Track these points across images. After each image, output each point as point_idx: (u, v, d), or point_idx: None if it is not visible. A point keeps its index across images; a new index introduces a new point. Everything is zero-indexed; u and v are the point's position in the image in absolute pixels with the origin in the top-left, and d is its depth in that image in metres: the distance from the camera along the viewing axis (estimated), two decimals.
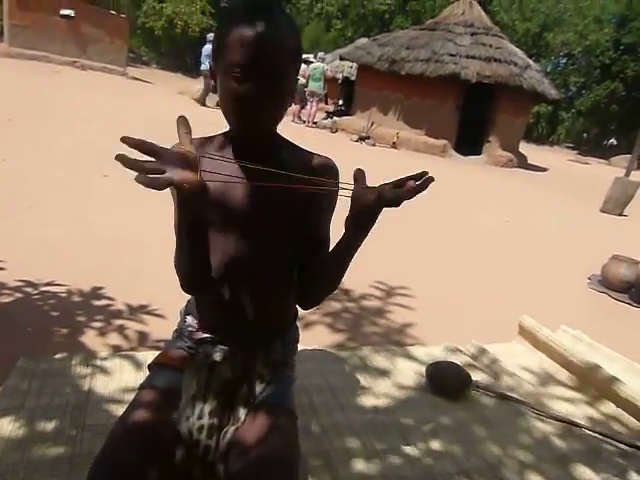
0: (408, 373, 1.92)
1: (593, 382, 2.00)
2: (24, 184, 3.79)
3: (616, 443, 1.65)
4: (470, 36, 12.69)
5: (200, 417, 1.11)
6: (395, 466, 1.38)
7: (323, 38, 30.07)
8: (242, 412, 1.13)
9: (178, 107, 10.57)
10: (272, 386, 1.18)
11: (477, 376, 1.89)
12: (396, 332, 2.43)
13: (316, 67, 13.09)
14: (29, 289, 2.25)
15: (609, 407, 1.90)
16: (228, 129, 1.11)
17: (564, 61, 34.82)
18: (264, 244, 1.13)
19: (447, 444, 1.52)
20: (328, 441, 1.45)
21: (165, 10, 27.82)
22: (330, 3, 31.80)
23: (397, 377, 1.88)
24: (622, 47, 30.15)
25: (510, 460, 1.49)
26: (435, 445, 1.51)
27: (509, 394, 1.84)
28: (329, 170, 1.18)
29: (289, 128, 10.32)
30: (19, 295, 2.19)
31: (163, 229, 1.12)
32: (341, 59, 16.47)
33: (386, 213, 1.00)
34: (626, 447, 1.64)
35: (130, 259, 2.71)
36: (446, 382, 1.81)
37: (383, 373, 1.89)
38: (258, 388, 1.16)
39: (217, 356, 1.17)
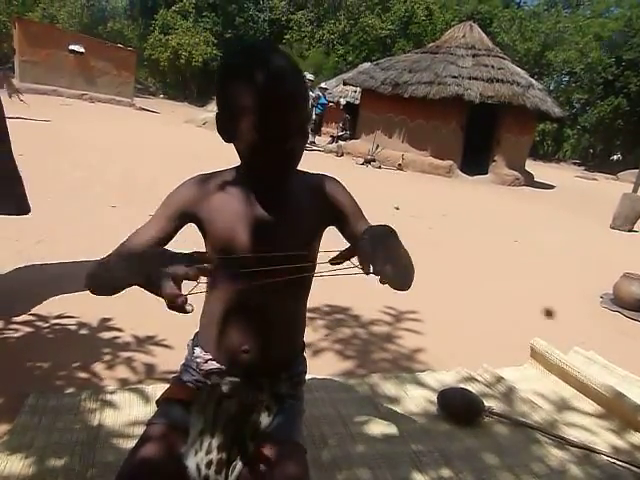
0: (419, 400, 1.89)
1: (610, 406, 1.96)
2: (34, 218, 3.83)
3: (636, 470, 1.61)
4: (472, 58, 12.83)
5: (208, 452, 1.10)
6: None
7: (325, 64, 30.55)
8: (250, 446, 1.11)
9: (185, 135, 10.73)
10: (279, 419, 1.17)
11: (490, 402, 1.86)
12: (406, 358, 2.40)
13: None
14: (39, 323, 2.26)
15: (628, 432, 1.85)
16: (239, 165, 1.12)
17: (566, 79, 35.08)
18: (274, 285, 1.13)
19: (461, 473, 1.50)
20: (339, 472, 1.43)
21: (170, 42, 28.50)
22: (332, 30, 32.39)
23: (408, 405, 1.85)
24: (624, 63, 30.34)
25: None
26: (448, 474, 1.49)
27: (523, 420, 1.81)
28: (331, 184, 1.20)
29: None
30: (29, 329, 2.20)
31: None
32: (344, 84, 16.69)
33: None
34: None
35: (137, 290, 2.71)
36: (458, 409, 1.78)
37: (394, 401, 1.87)
38: (265, 421, 1.15)
39: (225, 388, 1.16)
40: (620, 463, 1.63)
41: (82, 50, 15.89)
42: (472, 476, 1.49)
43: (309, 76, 14.37)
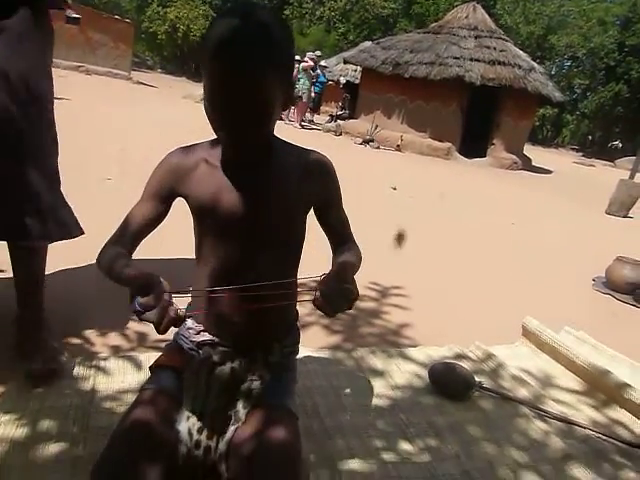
0: (411, 374, 1.92)
1: (598, 384, 1.99)
2: None
3: (618, 443, 1.64)
4: (474, 39, 12.71)
5: (200, 418, 1.12)
6: (397, 466, 1.38)
7: (325, 41, 30.15)
8: (242, 413, 1.13)
9: (182, 111, 10.63)
10: (272, 387, 1.18)
11: (480, 377, 1.89)
12: (393, 333, 2.42)
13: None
14: None
15: (614, 410, 1.89)
16: None
17: (568, 63, 34.85)
18: (261, 250, 1.14)
19: (450, 445, 1.52)
20: (330, 441, 1.45)
21: (169, 15, 28.03)
22: (333, 7, 31.90)
23: (400, 378, 1.88)
24: (627, 49, 30.08)
25: (511, 460, 1.49)
26: (438, 445, 1.51)
27: (512, 395, 1.83)
28: (324, 168, 1.20)
29: (291, 132, 10.36)
30: None
31: (166, 228, 1.14)
32: (345, 62, 16.51)
33: (388, 214, 0.99)
34: (628, 447, 1.63)
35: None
36: (449, 383, 1.80)
37: (386, 374, 1.89)
38: (258, 389, 1.17)
39: (217, 358, 1.17)
40: (604, 437, 1.67)
41: (78, 16, 15.58)
42: (459, 447, 1.51)
43: (309, 54, 14.20)
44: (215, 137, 1.12)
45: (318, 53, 15.76)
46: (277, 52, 0.98)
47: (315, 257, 1.30)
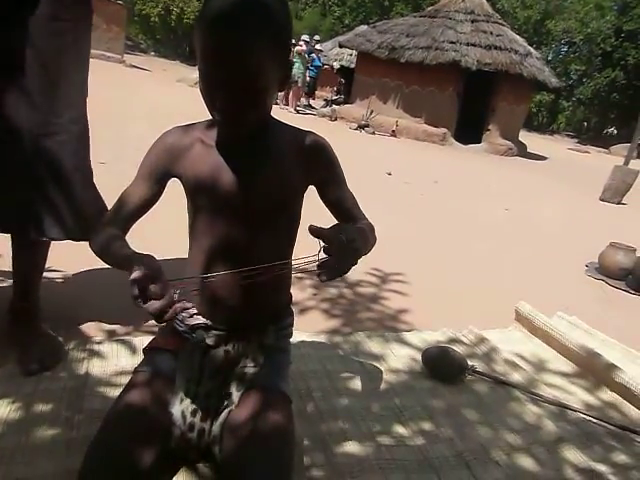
0: (405, 358, 1.93)
1: (590, 368, 2.00)
2: None
3: (609, 426, 1.66)
4: (470, 23, 12.60)
5: (194, 400, 1.12)
6: (390, 449, 1.39)
7: (321, 25, 29.85)
8: (236, 395, 1.13)
9: (176, 94, 10.53)
10: (266, 369, 1.18)
11: (473, 361, 1.90)
12: (391, 318, 2.43)
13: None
14: None
15: (605, 393, 1.91)
16: None
17: (565, 49, 34.69)
18: (256, 229, 1.13)
19: (443, 427, 1.53)
20: (324, 424, 1.46)
21: None
22: None
23: (394, 362, 1.88)
24: (623, 34, 29.96)
25: (505, 443, 1.50)
26: (431, 428, 1.52)
27: (504, 379, 1.85)
28: (320, 146, 1.19)
29: (285, 117, 10.29)
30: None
31: (167, 211, 1.13)
32: (340, 46, 16.36)
33: (384, 200, 0.99)
34: (619, 430, 1.65)
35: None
36: (442, 367, 1.81)
37: (380, 358, 1.90)
38: (252, 371, 1.17)
39: (211, 340, 1.17)
40: (595, 420, 1.68)
41: None
42: (452, 430, 1.52)
43: (304, 37, 14.05)
44: (211, 118, 1.10)
45: (317, 37, 15.63)
46: (274, 29, 0.96)
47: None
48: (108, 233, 1.07)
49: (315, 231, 0.91)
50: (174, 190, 1.23)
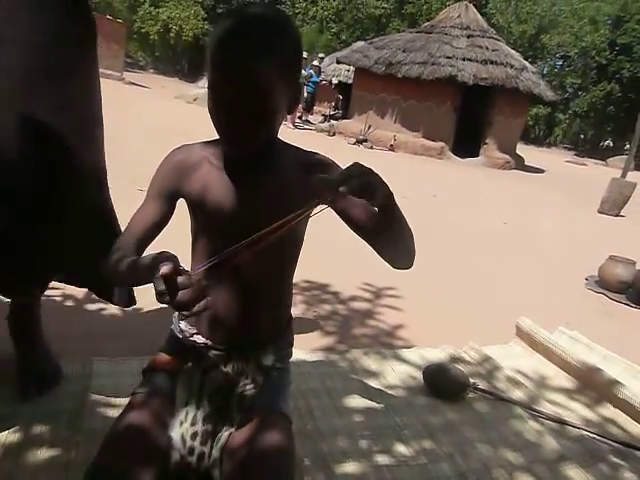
0: (405, 375, 1.92)
1: (592, 384, 1.99)
2: None
3: (612, 443, 1.65)
4: (466, 38, 12.74)
5: (194, 423, 1.10)
6: (391, 468, 1.38)
7: (318, 41, 30.12)
8: (236, 417, 1.12)
9: (175, 111, 10.59)
10: (265, 390, 1.17)
11: (475, 378, 1.89)
12: (387, 334, 2.43)
13: None
14: None
15: (607, 409, 1.90)
16: None
17: (560, 63, 34.99)
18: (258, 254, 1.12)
19: (444, 446, 1.52)
20: (324, 443, 1.45)
21: (161, 15, 27.92)
22: (326, 7, 31.88)
23: (395, 379, 1.87)
24: (618, 48, 30.26)
25: (506, 462, 1.49)
26: (432, 447, 1.51)
27: (506, 396, 1.84)
28: (324, 163, 1.17)
29: (284, 132, 10.34)
30: None
31: (162, 236, 1.13)
32: (338, 62, 16.51)
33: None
34: (622, 447, 1.63)
35: None
36: (443, 384, 1.80)
37: (381, 376, 1.89)
38: (251, 392, 1.16)
39: (210, 361, 1.16)
40: (598, 437, 1.67)
41: None
42: (454, 449, 1.51)
43: (315, 62, 14.22)
44: (216, 138, 1.10)
45: (321, 55, 15.83)
46: (284, 51, 0.97)
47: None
48: (120, 253, 1.06)
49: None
50: (177, 212, 1.23)
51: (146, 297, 0.91)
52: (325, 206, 0.90)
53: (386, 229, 1.02)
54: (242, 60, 0.92)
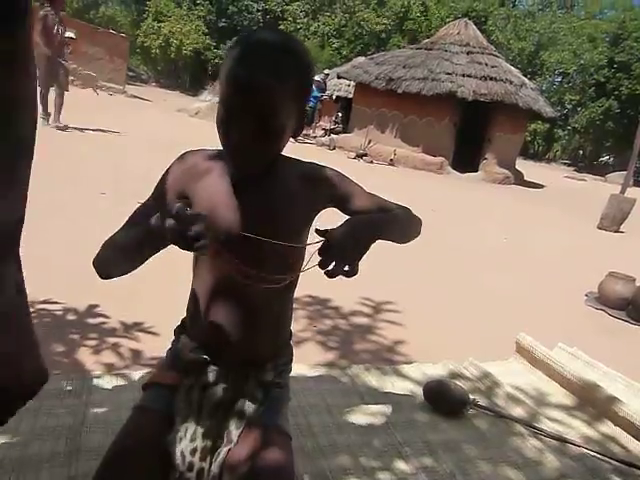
0: (405, 392, 1.91)
1: (592, 401, 1.99)
2: None
3: (613, 462, 1.64)
4: (466, 55, 12.86)
5: (193, 439, 1.10)
6: None
7: (319, 57, 30.39)
8: (235, 433, 1.11)
9: (177, 125, 10.64)
10: (265, 406, 1.17)
11: (475, 394, 1.88)
12: (388, 349, 2.43)
13: None
14: None
15: (608, 427, 1.89)
16: None
17: (559, 79, 35.26)
18: (261, 263, 1.12)
19: (445, 463, 1.51)
20: (325, 460, 1.44)
21: (163, 29, 28.22)
22: (327, 22, 32.23)
23: (394, 396, 1.87)
24: (616, 65, 30.54)
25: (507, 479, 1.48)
26: (432, 464, 1.50)
27: (507, 413, 1.83)
28: (326, 172, 1.19)
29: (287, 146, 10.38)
30: None
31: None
32: (339, 77, 16.65)
33: None
34: (623, 466, 1.63)
35: (125, 277, 2.70)
36: (443, 401, 1.80)
37: (381, 392, 1.88)
38: (251, 409, 1.15)
39: (210, 377, 1.16)
40: (599, 456, 1.66)
41: (73, 36, 15.65)
42: (454, 466, 1.51)
43: (317, 77, 14.34)
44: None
45: (327, 72, 15.97)
46: (298, 76, 0.99)
47: None
48: (117, 236, 1.10)
49: (320, 232, 0.93)
50: None
51: None
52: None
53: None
54: (260, 79, 0.94)
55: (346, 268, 0.92)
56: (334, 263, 0.91)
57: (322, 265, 0.90)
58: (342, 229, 0.95)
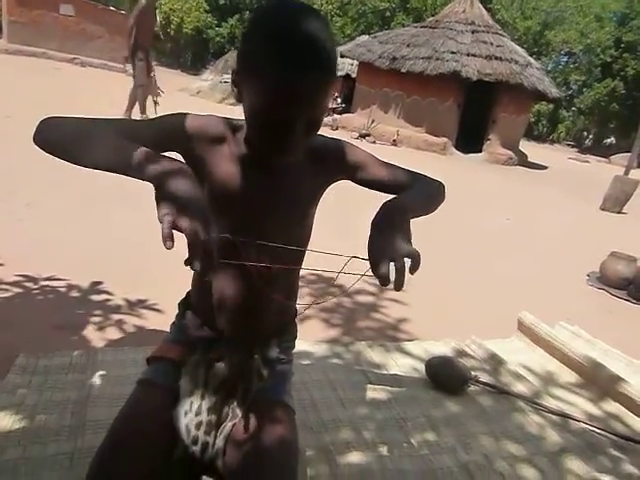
0: (408, 368, 1.92)
1: (593, 379, 2.00)
2: (23, 181, 3.79)
3: (613, 437, 1.66)
4: (471, 34, 12.69)
5: (198, 413, 1.11)
6: (394, 460, 1.39)
7: None
8: (240, 408, 1.12)
9: (179, 104, 10.54)
10: (269, 382, 1.17)
11: (476, 371, 1.90)
12: (391, 327, 2.44)
13: None
14: (29, 284, 2.25)
15: (609, 404, 1.90)
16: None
17: (565, 59, 34.81)
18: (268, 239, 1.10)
19: (446, 438, 1.53)
20: (328, 435, 1.46)
21: (163, 7, 27.82)
22: (330, 1, 31.73)
23: (397, 372, 1.88)
24: (623, 45, 30.11)
25: (508, 454, 1.50)
26: (434, 439, 1.52)
27: (507, 389, 1.84)
28: (335, 144, 1.17)
29: None
30: (18, 290, 2.19)
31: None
32: (342, 56, 16.45)
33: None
34: (622, 440, 1.64)
35: (130, 255, 2.71)
36: (446, 377, 1.81)
37: (383, 368, 1.90)
38: (256, 385, 1.16)
39: (215, 353, 1.17)
40: (598, 431, 1.68)
41: (72, 13, 15.45)
42: (456, 441, 1.52)
43: None
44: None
45: None
46: (335, 66, 0.93)
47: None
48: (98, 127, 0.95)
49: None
50: None
51: None
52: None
53: None
54: (314, 78, 0.88)
55: (407, 262, 0.92)
56: (393, 276, 0.91)
57: (383, 283, 0.91)
58: (370, 240, 0.95)
